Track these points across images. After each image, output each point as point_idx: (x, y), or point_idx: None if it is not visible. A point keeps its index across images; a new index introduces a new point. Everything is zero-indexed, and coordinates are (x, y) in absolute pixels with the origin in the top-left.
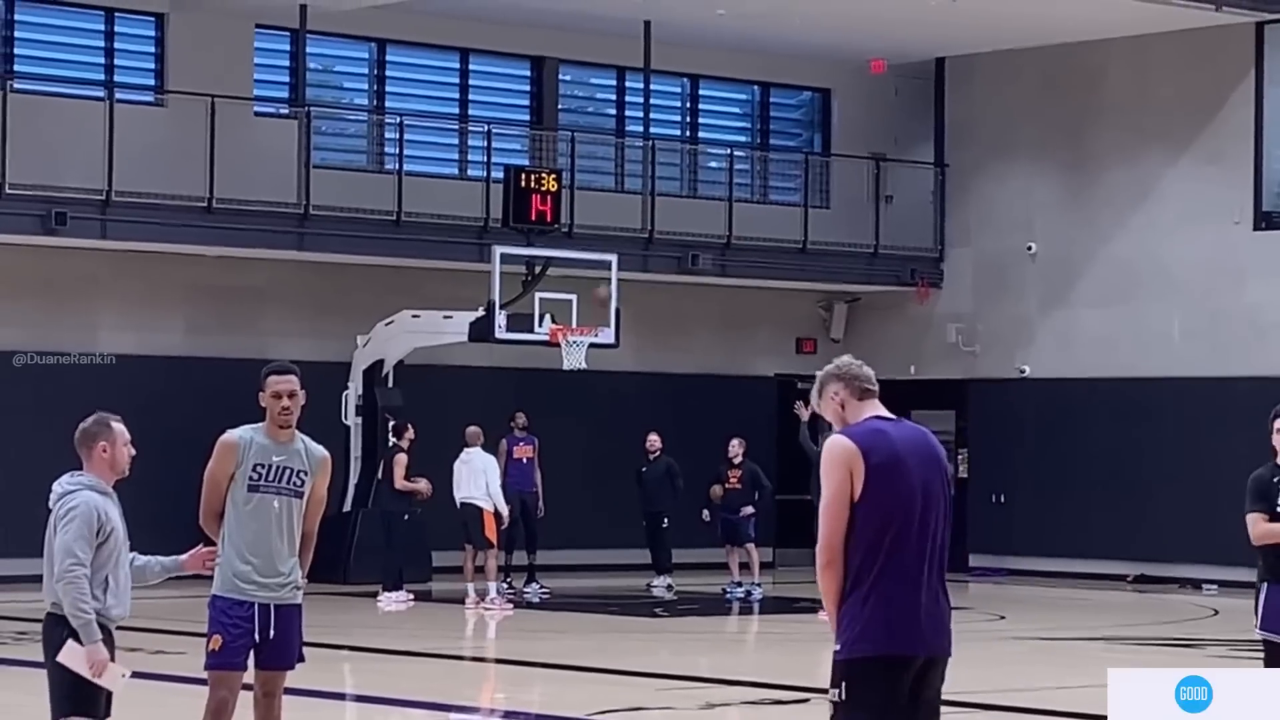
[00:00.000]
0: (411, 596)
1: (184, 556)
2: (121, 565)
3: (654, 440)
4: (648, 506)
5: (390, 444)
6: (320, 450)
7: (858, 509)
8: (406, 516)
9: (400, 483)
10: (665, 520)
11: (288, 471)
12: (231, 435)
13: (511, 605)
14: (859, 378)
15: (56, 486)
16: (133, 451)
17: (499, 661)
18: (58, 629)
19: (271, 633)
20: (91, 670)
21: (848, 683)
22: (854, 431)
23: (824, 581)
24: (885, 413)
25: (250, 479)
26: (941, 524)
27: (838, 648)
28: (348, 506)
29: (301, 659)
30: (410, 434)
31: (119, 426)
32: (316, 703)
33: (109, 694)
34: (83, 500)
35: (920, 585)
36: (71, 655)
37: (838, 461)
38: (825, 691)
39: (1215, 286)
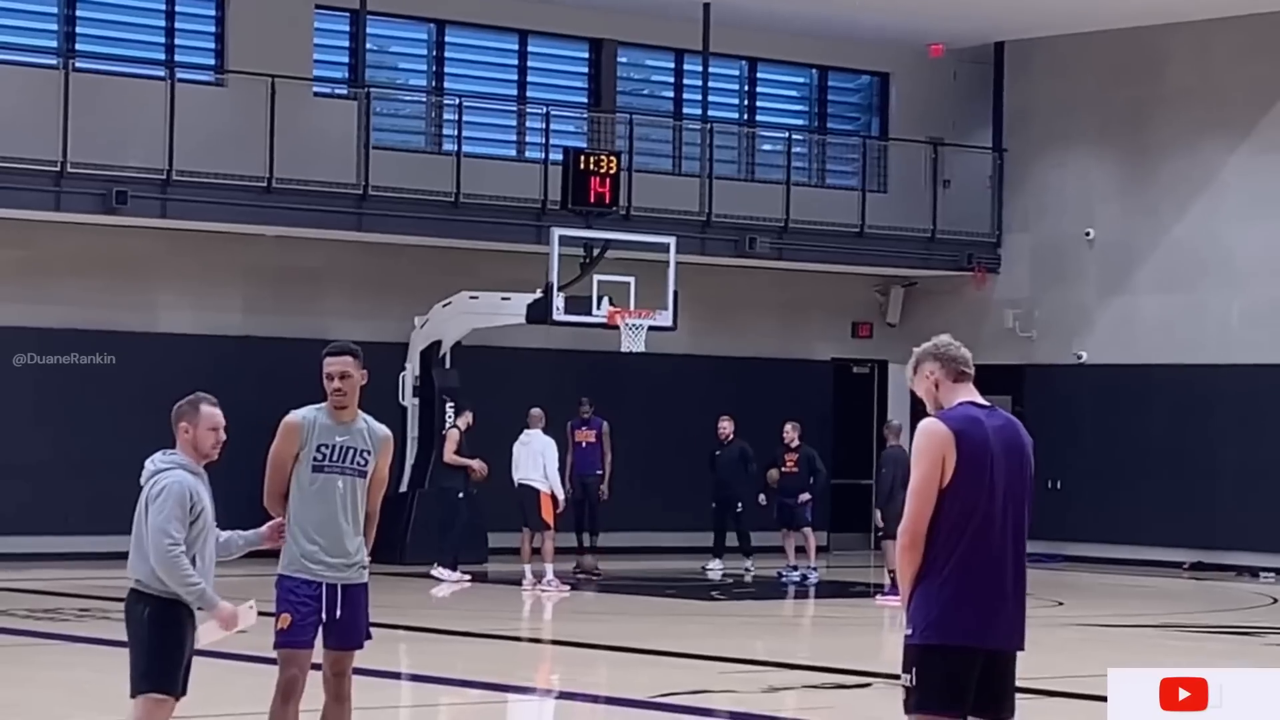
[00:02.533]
0: (468, 577)
1: (264, 529)
2: (208, 545)
3: (725, 426)
4: (720, 491)
5: (448, 424)
6: (383, 429)
7: (944, 495)
8: (460, 495)
9: (449, 456)
10: (740, 505)
11: (351, 451)
12: (295, 416)
13: (569, 587)
14: (956, 359)
15: (149, 464)
16: (221, 437)
17: (558, 643)
18: (139, 605)
19: (339, 612)
20: (228, 627)
21: (918, 669)
22: (949, 417)
23: (902, 564)
24: (979, 398)
25: (315, 459)
26: (1023, 518)
27: (909, 632)
28: (404, 487)
29: (369, 637)
30: (469, 418)
31: (208, 410)
32: (373, 682)
33: (187, 671)
34: (174, 479)
35: (997, 577)
36: (207, 633)
37: (932, 446)
38: (885, 677)
39: (1275, 274)
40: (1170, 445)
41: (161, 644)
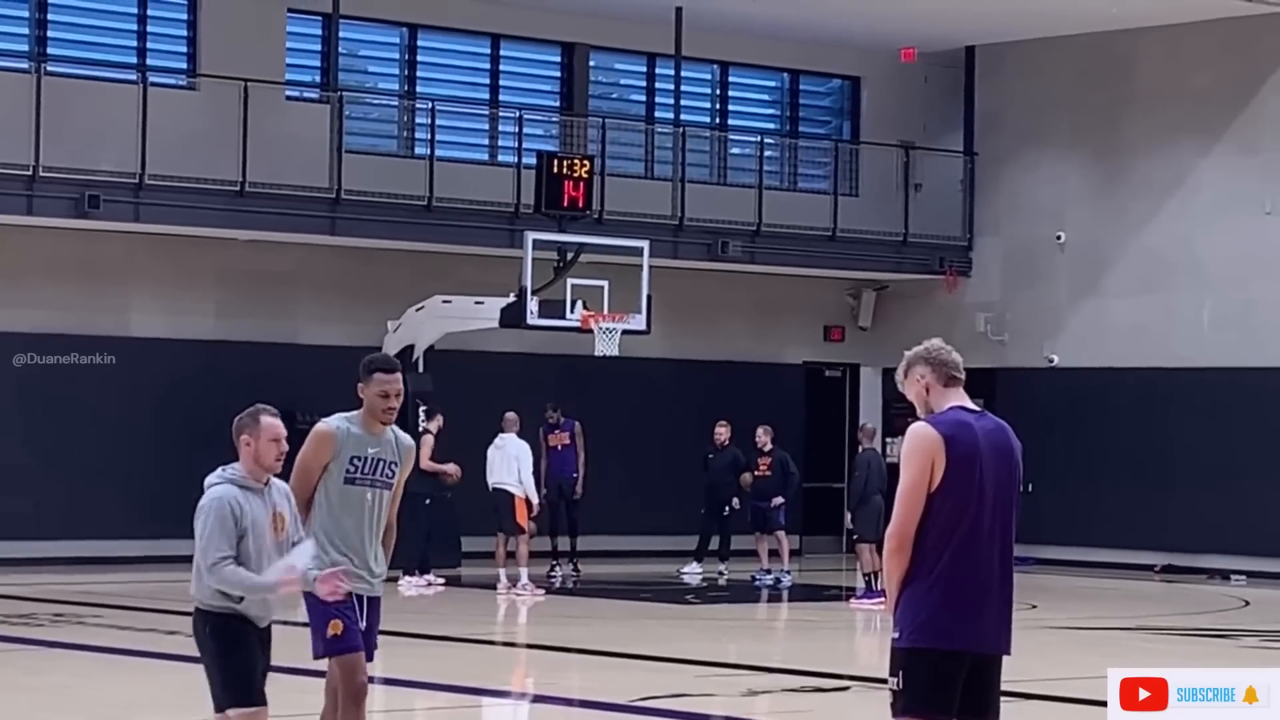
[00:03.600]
0: (441, 581)
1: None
2: (263, 560)
3: (721, 432)
4: (712, 495)
5: (420, 428)
6: (408, 440)
7: (933, 499)
8: (429, 501)
9: (426, 463)
10: (727, 509)
11: (381, 464)
12: (329, 426)
13: (544, 591)
14: (946, 363)
15: (207, 479)
16: (284, 448)
17: (533, 647)
18: (201, 623)
19: (363, 624)
20: (289, 581)
21: (905, 672)
22: (939, 421)
23: (889, 566)
24: (969, 403)
25: (347, 471)
26: (1011, 522)
27: (896, 635)
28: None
29: (375, 647)
30: (440, 421)
31: (269, 421)
32: None
33: (263, 680)
34: (214, 497)
35: (985, 581)
36: (300, 598)
37: (921, 450)
38: (863, 680)
39: (1246, 277)
40: (1142, 448)
41: (229, 659)
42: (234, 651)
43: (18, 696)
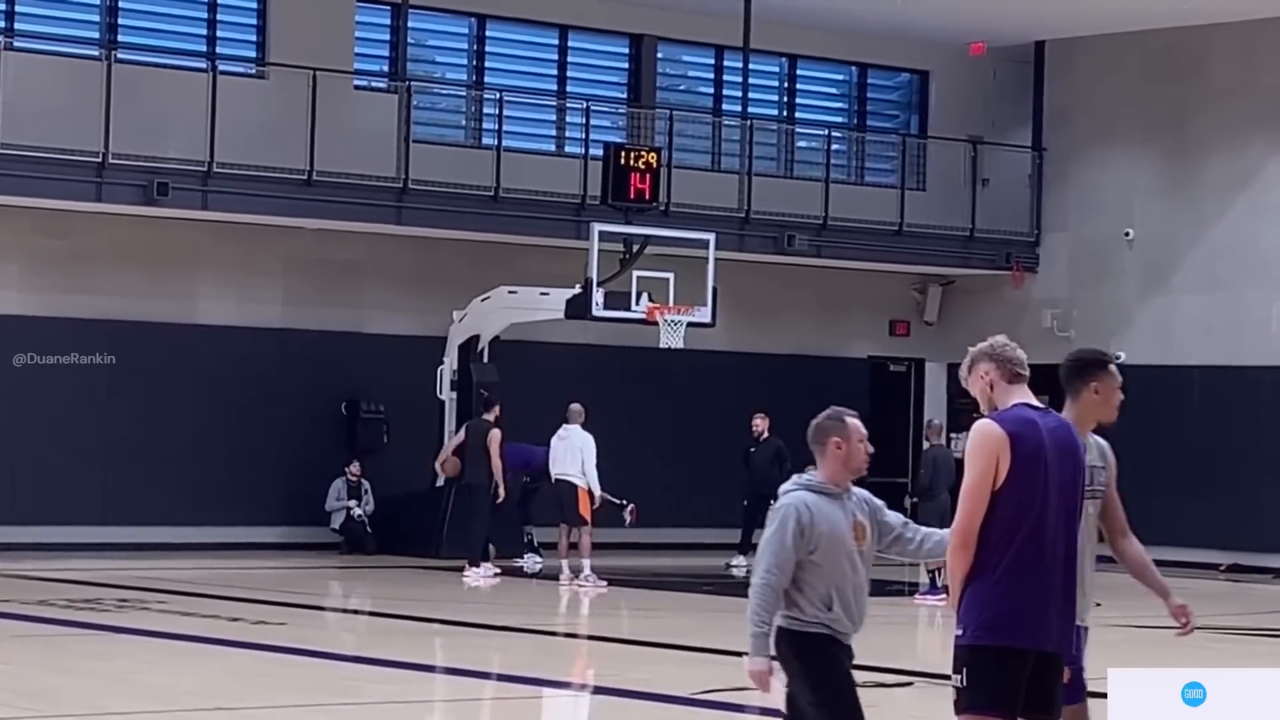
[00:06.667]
0: (497, 571)
1: None
2: (849, 573)
3: (760, 423)
4: (754, 488)
5: (482, 418)
6: (1103, 441)
7: (997, 497)
8: (490, 491)
9: (496, 461)
10: (773, 502)
11: (1094, 470)
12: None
13: (606, 583)
14: (1011, 360)
15: (783, 486)
16: (870, 449)
17: (596, 639)
18: (780, 644)
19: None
20: (757, 676)
21: (969, 669)
22: (1004, 418)
23: (954, 563)
24: (1034, 400)
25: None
26: (1075, 520)
27: (960, 632)
28: (440, 482)
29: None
30: (496, 411)
31: (854, 422)
32: (411, 675)
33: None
34: (786, 504)
35: (1049, 579)
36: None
37: (986, 447)
38: (926, 675)
39: None
40: (1208, 446)
41: (822, 683)
42: (826, 675)
43: (82, 681)
